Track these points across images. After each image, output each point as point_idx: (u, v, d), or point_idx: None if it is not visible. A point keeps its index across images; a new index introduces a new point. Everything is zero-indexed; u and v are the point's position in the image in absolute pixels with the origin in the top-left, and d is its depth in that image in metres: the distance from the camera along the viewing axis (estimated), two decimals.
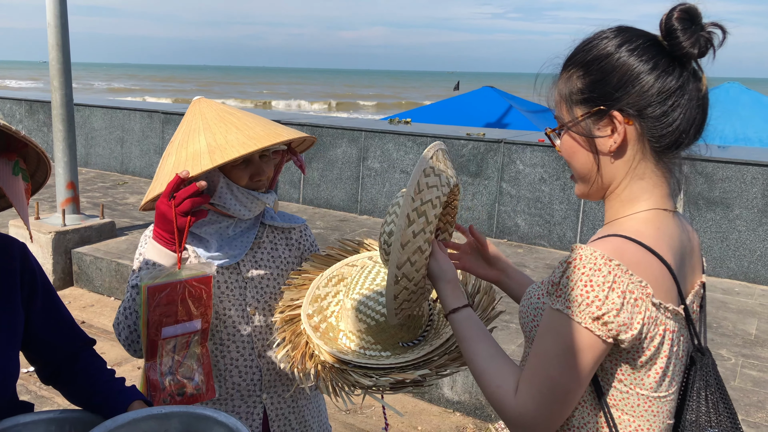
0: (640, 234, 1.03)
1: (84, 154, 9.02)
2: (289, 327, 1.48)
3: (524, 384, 1.06)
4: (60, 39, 5.30)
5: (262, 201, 1.58)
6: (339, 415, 3.60)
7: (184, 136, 1.53)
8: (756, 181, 5.03)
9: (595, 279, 0.98)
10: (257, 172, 1.56)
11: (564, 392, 1.03)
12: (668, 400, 1.08)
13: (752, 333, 4.12)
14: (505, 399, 1.07)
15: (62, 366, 1.46)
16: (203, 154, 1.45)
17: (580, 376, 1.02)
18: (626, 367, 1.04)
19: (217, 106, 1.60)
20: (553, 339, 1.03)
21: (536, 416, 1.04)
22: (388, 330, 1.38)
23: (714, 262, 5.23)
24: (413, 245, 1.16)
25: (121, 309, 1.51)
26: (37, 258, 5.55)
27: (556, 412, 1.04)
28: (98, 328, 4.71)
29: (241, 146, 1.45)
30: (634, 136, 1.07)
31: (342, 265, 1.62)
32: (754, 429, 2.95)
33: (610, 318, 0.98)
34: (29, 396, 3.68)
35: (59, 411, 1.35)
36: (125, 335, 1.51)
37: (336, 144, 6.99)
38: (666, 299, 1.02)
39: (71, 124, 5.50)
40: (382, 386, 1.27)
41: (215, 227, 1.59)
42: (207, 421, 1.26)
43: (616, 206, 1.12)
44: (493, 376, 1.11)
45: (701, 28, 1.04)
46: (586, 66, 1.09)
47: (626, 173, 1.09)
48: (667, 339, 1.03)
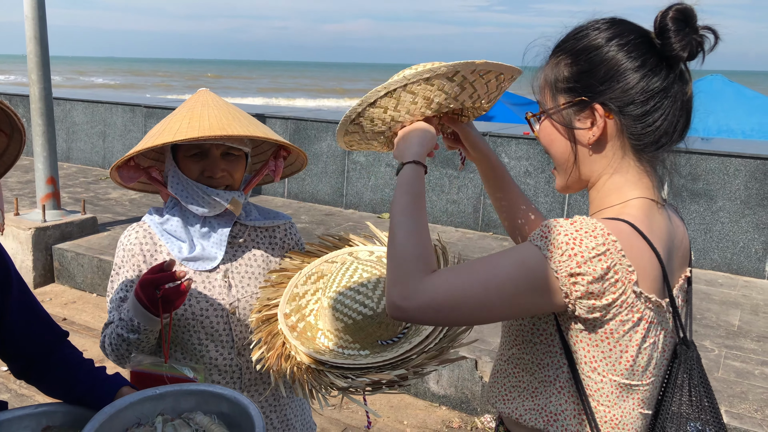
0: (636, 220, 1.03)
1: (65, 148, 8.90)
2: (265, 327, 1.46)
3: (450, 273, 1.01)
4: (38, 31, 5.20)
5: (211, 197, 1.50)
6: (325, 410, 3.58)
7: (173, 113, 1.53)
8: (739, 173, 5.06)
9: (587, 241, 0.97)
10: (209, 168, 1.50)
11: (481, 304, 0.99)
12: (642, 390, 1.08)
13: (735, 324, 4.15)
14: (415, 273, 1.01)
15: (38, 359, 1.43)
16: (164, 132, 1.45)
17: (510, 305, 0.99)
18: (598, 352, 1.04)
19: (215, 99, 1.57)
20: (513, 260, 1.00)
21: (432, 302, 0.99)
22: (366, 328, 1.36)
23: (697, 254, 5.27)
24: (426, 86, 1.17)
25: (114, 338, 1.47)
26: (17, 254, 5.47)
27: (453, 315, 1.00)
28: (80, 324, 4.65)
29: (193, 131, 1.41)
30: (614, 131, 1.07)
31: (321, 261, 1.59)
32: (737, 420, 2.97)
33: (583, 280, 0.97)
34: (9, 395, 3.63)
35: (34, 406, 1.34)
36: (115, 357, 1.50)
37: (320, 137, 6.94)
38: (649, 289, 1.02)
39: (50, 118, 5.41)
40: (358, 387, 1.25)
41: (185, 225, 1.56)
42: (203, 395, 1.27)
43: (600, 196, 1.11)
44: (416, 246, 1.05)
45: (695, 30, 1.03)
46: (575, 55, 1.08)
47: (606, 167, 1.10)
48: (641, 328, 1.02)
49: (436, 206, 6.37)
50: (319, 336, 1.42)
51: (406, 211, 1.09)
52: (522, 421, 1.13)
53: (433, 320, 1.02)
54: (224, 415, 1.24)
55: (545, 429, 1.11)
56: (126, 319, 1.43)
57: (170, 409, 1.25)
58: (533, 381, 1.12)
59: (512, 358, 1.16)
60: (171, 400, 1.26)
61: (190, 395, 1.27)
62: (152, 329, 1.43)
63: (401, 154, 1.20)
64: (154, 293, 1.36)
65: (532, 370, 1.12)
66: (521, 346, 1.14)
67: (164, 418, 1.21)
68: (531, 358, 1.12)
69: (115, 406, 1.20)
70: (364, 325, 1.36)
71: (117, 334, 1.45)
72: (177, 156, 1.53)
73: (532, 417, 1.12)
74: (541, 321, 1.10)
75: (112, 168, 1.52)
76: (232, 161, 1.54)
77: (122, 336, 1.44)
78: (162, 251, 1.56)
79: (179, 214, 1.57)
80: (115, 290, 1.55)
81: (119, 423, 1.19)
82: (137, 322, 1.41)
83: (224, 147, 1.53)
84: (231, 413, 1.23)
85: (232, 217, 1.61)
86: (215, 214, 1.55)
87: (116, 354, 1.48)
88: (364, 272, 1.41)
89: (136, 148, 1.46)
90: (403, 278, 1.02)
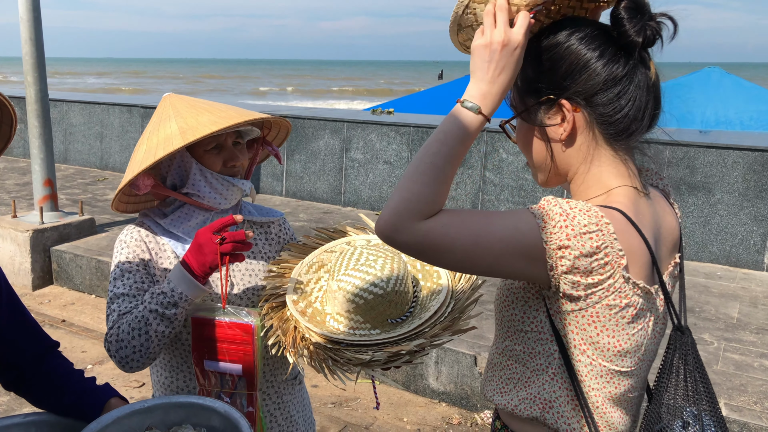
0: (625, 207, 1.05)
1: (62, 150, 8.88)
2: (275, 314, 1.48)
3: (446, 218, 1.01)
4: (33, 33, 5.18)
5: (237, 187, 1.55)
6: (324, 408, 3.58)
7: (154, 125, 1.53)
8: (737, 165, 5.05)
9: (580, 218, 0.98)
10: (230, 157, 1.54)
11: (467, 256, 1.00)
12: (632, 375, 1.09)
13: (734, 317, 4.15)
14: (418, 214, 1.00)
15: (27, 369, 1.42)
16: (175, 136, 1.44)
17: (496, 264, 1.00)
18: (586, 336, 1.05)
19: (187, 98, 1.59)
20: (508, 222, 1.01)
21: (421, 243, 1.00)
22: (378, 307, 1.39)
23: (696, 247, 5.26)
24: None
25: (137, 322, 1.39)
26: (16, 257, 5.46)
27: (436, 257, 1.01)
28: (79, 326, 4.65)
29: (212, 124, 1.44)
30: (584, 123, 1.09)
31: (321, 251, 1.62)
32: (736, 413, 2.97)
33: (570, 254, 0.97)
34: (8, 397, 3.62)
35: (23, 416, 1.32)
36: (128, 351, 1.40)
37: (318, 135, 6.93)
38: (638, 275, 1.03)
39: (47, 120, 5.40)
40: (379, 360, 1.27)
41: (193, 223, 1.57)
42: (192, 408, 1.25)
43: (582, 189, 1.13)
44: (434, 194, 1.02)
45: (649, 17, 1.06)
46: (537, 55, 1.10)
47: (582, 160, 1.11)
48: (629, 314, 1.03)
49: None
50: (329, 320, 1.44)
51: (452, 159, 1.02)
52: (517, 411, 1.14)
53: (416, 256, 1.04)
54: (214, 429, 1.22)
55: (541, 417, 1.11)
56: (166, 291, 1.38)
57: (159, 422, 1.23)
58: (526, 371, 1.13)
59: (506, 350, 1.17)
60: (159, 413, 1.23)
61: (179, 408, 1.24)
62: (192, 301, 1.39)
63: (476, 83, 1.04)
64: (213, 239, 1.34)
65: (525, 360, 1.13)
66: (513, 336, 1.15)
67: None
68: (523, 348, 1.13)
69: (101, 421, 1.17)
70: (375, 304, 1.38)
71: (149, 311, 1.38)
72: (194, 154, 1.54)
73: (527, 406, 1.13)
74: (532, 309, 1.11)
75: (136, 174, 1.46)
76: (240, 149, 1.58)
77: (156, 312, 1.37)
78: (166, 249, 1.55)
79: (182, 213, 1.58)
80: (126, 285, 1.48)
81: None
82: (180, 292, 1.37)
83: (234, 136, 1.56)
84: (221, 427, 1.21)
85: (235, 214, 1.62)
86: (233, 204, 1.59)
87: (131, 346, 1.39)
88: (370, 255, 1.44)
89: (156, 156, 1.42)
90: (403, 213, 1.00)
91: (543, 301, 1.08)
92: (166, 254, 1.55)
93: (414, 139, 6.43)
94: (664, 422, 1.05)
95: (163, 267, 1.55)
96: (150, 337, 1.39)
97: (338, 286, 1.41)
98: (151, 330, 1.39)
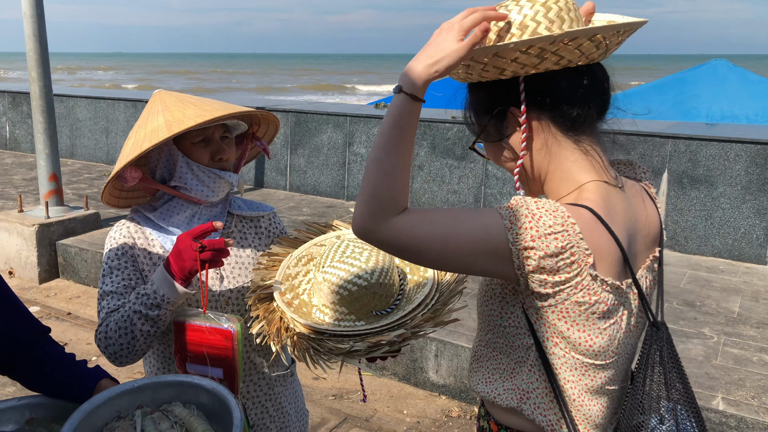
0: (594, 204, 1.06)
1: (69, 145, 8.95)
2: (262, 304, 1.50)
3: (416, 217, 1.03)
4: (36, 29, 5.22)
5: (225, 179, 1.57)
6: (325, 400, 3.62)
7: (143, 119, 1.56)
8: (739, 159, 5.04)
9: (545, 219, 1.01)
10: (217, 151, 1.57)
11: (439, 256, 1.03)
12: (606, 368, 1.11)
13: (735, 311, 4.15)
14: (385, 212, 1.02)
15: (19, 354, 1.45)
16: (161, 129, 1.48)
17: (467, 263, 1.03)
18: (557, 330, 1.07)
19: (177, 93, 1.62)
20: (477, 222, 1.03)
21: (394, 242, 1.02)
22: (362, 299, 1.41)
23: (698, 241, 5.26)
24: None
25: (123, 321, 1.44)
26: (22, 251, 5.51)
27: (412, 257, 1.04)
28: (84, 318, 4.70)
29: (197, 117, 1.47)
30: (537, 122, 1.11)
31: (310, 245, 1.64)
32: (734, 407, 2.98)
33: (535, 255, 1.00)
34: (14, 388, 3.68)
35: (17, 399, 1.36)
36: (115, 348, 1.46)
37: (321, 130, 6.95)
38: (606, 272, 1.05)
39: (51, 116, 5.44)
40: (360, 350, 1.29)
41: (182, 217, 1.59)
42: (181, 386, 1.29)
43: (554, 187, 1.15)
44: (393, 185, 1.03)
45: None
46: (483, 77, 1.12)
47: (548, 159, 1.13)
48: (599, 310, 1.05)
49: (437, 196, 6.37)
50: (315, 311, 1.46)
51: (391, 147, 1.03)
52: (498, 401, 1.17)
53: (396, 255, 1.07)
54: (203, 406, 1.26)
55: (518, 407, 1.15)
56: (149, 293, 1.41)
57: (149, 401, 1.26)
58: (510, 362, 1.16)
59: (489, 342, 1.20)
60: (149, 393, 1.27)
61: (168, 387, 1.28)
62: (175, 302, 1.42)
63: (406, 72, 1.04)
64: (193, 246, 1.36)
65: (508, 352, 1.16)
66: (494, 330, 1.18)
67: (143, 411, 1.23)
68: (504, 341, 1.16)
69: (93, 402, 1.20)
70: (359, 296, 1.40)
71: (133, 311, 1.42)
72: (181, 147, 1.56)
73: (507, 396, 1.16)
74: (509, 305, 1.13)
75: (123, 167, 1.50)
76: (228, 144, 1.60)
77: (140, 313, 1.41)
78: (154, 245, 1.58)
79: (171, 207, 1.60)
80: (114, 282, 1.52)
81: (98, 418, 1.20)
82: (162, 294, 1.40)
83: (222, 130, 1.58)
84: (210, 404, 1.25)
85: (224, 208, 1.64)
86: (221, 197, 1.61)
87: (118, 344, 1.44)
88: (356, 248, 1.46)
89: (142, 148, 1.46)
90: (372, 213, 1.02)
91: (519, 297, 1.11)
92: (155, 249, 1.58)
93: (417, 134, 6.43)
94: (641, 418, 1.07)
95: (152, 261, 1.58)
96: (135, 336, 1.44)
97: (323, 278, 1.43)
98: (136, 329, 1.43)
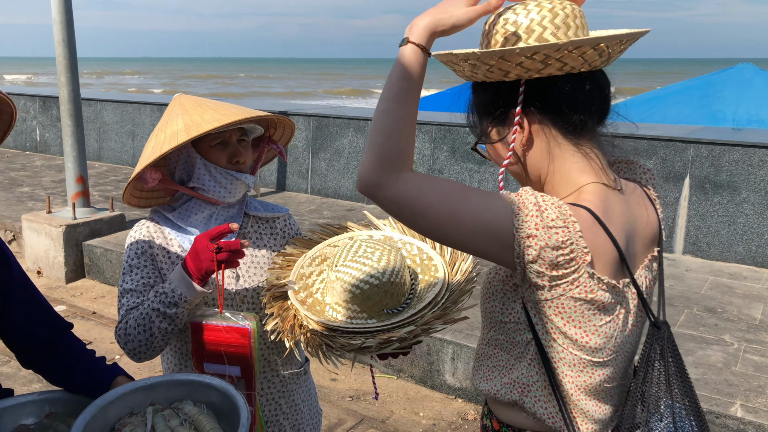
0: (593, 206, 1.08)
1: (96, 148, 9.13)
2: (276, 303, 1.54)
3: (425, 182, 1.04)
4: (66, 35, 5.36)
5: (241, 180, 1.62)
6: (342, 401, 3.65)
7: (163, 123, 1.62)
8: (763, 164, 4.97)
9: (550, 212, 1.02)
10: (234, 153, 1.61)
11: (440, 225, 1.03)
12: (605, 365, 1.12)
13: (757, 318, 4.09)
14: (393, 167, 1.03)
15: (41, 350, 1.51)
16: (180, 132, 1.53)
17: (466, 240, 1.04)
18: (554, 326, 1.09)
19: (195, 97, 1.67)
20: (484, 202, 1.04)
21: (398, 201, 1.03)
22: (374, 297, 1.44)
23: (721, 247, 5.19)
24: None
25: (142, 318, 1.48)
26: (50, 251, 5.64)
27: (411, 220, 1.05)
28: (109, 318, 4.80)
29: (215, 121, 1.52)
30: (538, 126, 1.13)
31: (324, 246, 1.68)
32: (752, 414, 2.94)
33: (536, 244, 1.01)
34: (40, 384, 3.78)
35: (37, 393, 1.41)
36: (135, 344, 1.50)
37: (342, 134, 7.01)
38: (602, 271, 1.06)
39: (79, 119, 5.58)
40: (370, 346, 1.32)
41: (199, 217, 1.64)
42: (192, 385, 1.33)
43: (553, 189, 1.16)
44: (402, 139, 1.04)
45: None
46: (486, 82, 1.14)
47: (547, 160, 1.14)
48: (595, 307, 1.07)
49: None
50: (328, 310, 1.50)
51: (400, 98, 1.05)
52: (499, 396, 1.19)
53: (395, 215, 1.07)
54: (213, 405, 1.29)
55: (520, 400, 1.17)
56: (167, 291, 1.45)
57: (161, 398, 1.30)
58: (510, 358, 1.19)
59: (491, 341, 1.23)
60: (162, 390, 1.31)
61: (179, 385, 1.32)
62: (192, 301, 1.46)
63: (413, 24, 1.07)
64: (209, 247, 1.40)
65: (508, 348, 1.19)
66: (496, 327, 1.20)
67: (155, 408, 1.27)
68: (505, 338, 1.18)
69: (106, 397, 1.25)
70: (371, 294, 1.44)
71: (152, 309, 1.46)
72: (199, 149, 1.61)
73: (507, 391, 1.18)
74: (510, 301, 1.16)
75: (143, 168, 1.55)
76: (245, 146, 1.65)
77: (158, 311, 1.45)
78: (173, 244, 1.63)
79: (189, 207, 1.65)
80: (134, 280, 1.57)
81: (111, 413, 1.24)
82: (180, 293, 1.44)
83: (239, 134, 1.63)
84: (219, 403, 1.29)
85: (240, 209, 1.69)
86: (238, 198, 1.66)
87: (137, 340, 1.48)
88: (368, 248, 1.50)
89: (161, 150, 1.51)
90: (381, 164, 1.03)
91: (519, 292, 1.13)
92: (173, 248, 1.63)
93: (437, 138, 6.46)
94: (641, 416, 1.08)
95: (170, 260, 1.63)
96: (153, 333, 1.48)
97: (336, 277, 1.47)
98: (155, 327, 1.48)
